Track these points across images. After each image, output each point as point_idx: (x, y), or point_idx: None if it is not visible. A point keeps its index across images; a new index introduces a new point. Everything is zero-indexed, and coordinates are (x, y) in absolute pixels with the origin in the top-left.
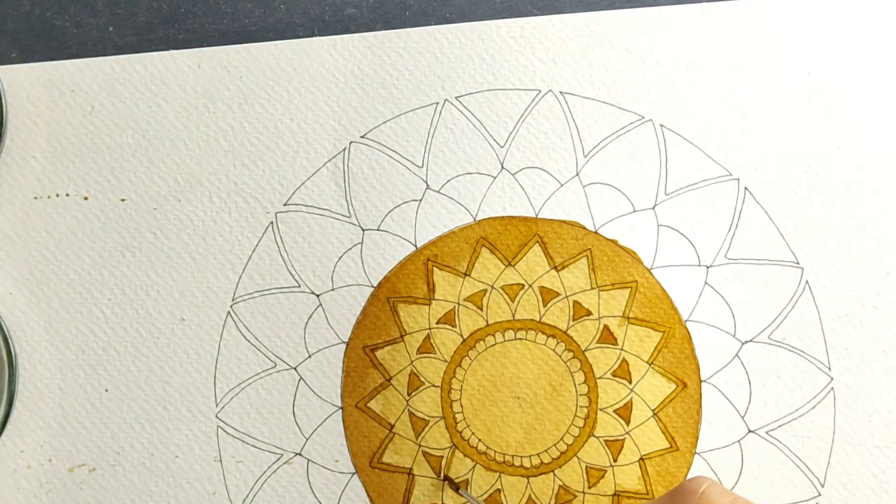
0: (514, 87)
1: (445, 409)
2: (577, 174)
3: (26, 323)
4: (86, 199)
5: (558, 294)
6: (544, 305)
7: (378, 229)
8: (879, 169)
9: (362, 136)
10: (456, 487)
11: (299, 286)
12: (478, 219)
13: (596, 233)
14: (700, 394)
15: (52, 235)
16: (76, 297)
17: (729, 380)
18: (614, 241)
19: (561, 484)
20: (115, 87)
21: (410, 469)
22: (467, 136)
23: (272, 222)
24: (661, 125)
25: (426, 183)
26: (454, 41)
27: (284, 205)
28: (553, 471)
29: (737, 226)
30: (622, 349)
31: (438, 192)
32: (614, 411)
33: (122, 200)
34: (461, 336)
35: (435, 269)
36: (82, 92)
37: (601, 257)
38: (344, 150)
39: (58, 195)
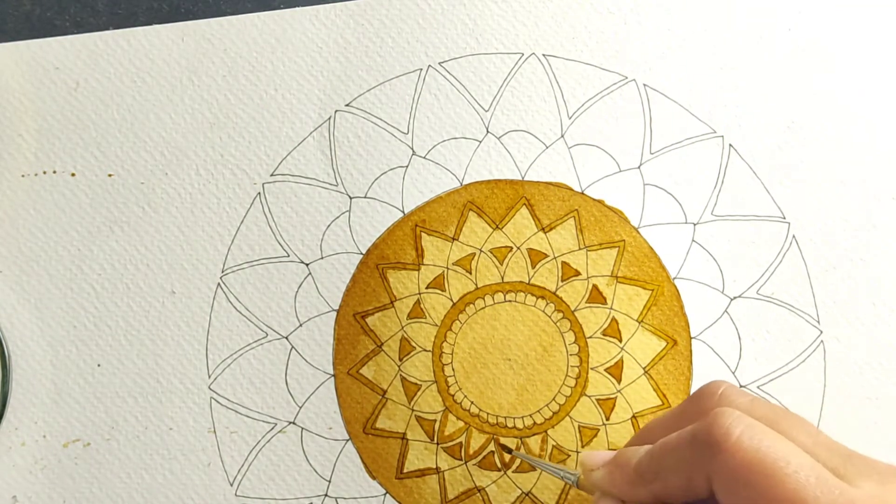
0: (496, 52)
1: (437, 374)
2: (563, 136)
3: (17, 301)
4: (73, 175)
5: (546, 255)
6: (533, 267)
7: (365, 197)
8: (863, 122)
9: (347, 105)
10: (509, 450)
11: (288, 256)
12: (464, 183)
13: (582, 193)
14: (690, 351)
15: (41, 213)
16: (66, 274)
17: (719, 336)
18: (601, 202)
19: (554, 444)
20: (99, 63)
21: (404, 434)
22: (452, 102)
23: (259, 193)
24: (645, 85)
25: (412, 149)
26: (436, 7)
27: (271, 175)
28: (546, 431)
29: (722, 182)
30: (611, 308)
31: (424, 157)
32: (605, 370)
33: (110, 176)
34: (451, 300)
35: (423, 234)
36: (67, 69)
37: (588, 218)
38: (329, 118)
39: (45, 172)
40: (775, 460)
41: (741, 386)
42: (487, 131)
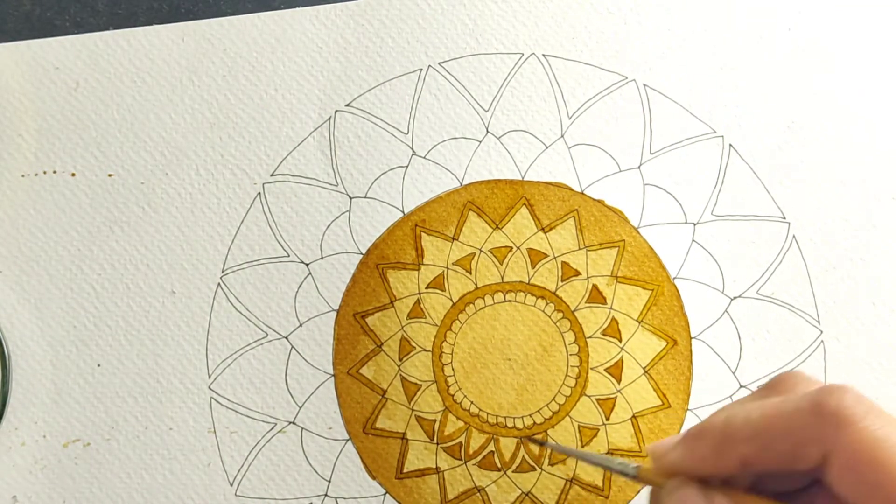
0: (496, 52)
1: (437, 374)
2: (562, 136)
3: (17, 300)
4: (73, 175)
5: (546, 255)
6: (533, 267)
7: (365, 197)
8: (863, 122)
9: (347, 105)
10: (541, 443)
11: (288, 256)
12: (464, 183)
13: (582, 193)
14: (690, 350)
15: (41, 213)
16: (66, 274)
17: (719, 336)
18: (601, 202)
19: (554, 444)
20: (99, 63)
21: (404, 434)
22: (452, 102)
23: (259, 193)
24: (645, 85)
25: (412, 149)
26: (436, 7)
27: (271, 175)
28: (546, 431)
29: (722, 182)
30: (611, 308)
31: (424, 157)
32: (605, 370)
33: (110, 176)
34: (451, 300)
35: (423, 234)
36: (67, 69)
37: (588, 217)
38: (329, 118)
39: (45, 172)
40: None
41: (742, 386)
42: (487, 131)
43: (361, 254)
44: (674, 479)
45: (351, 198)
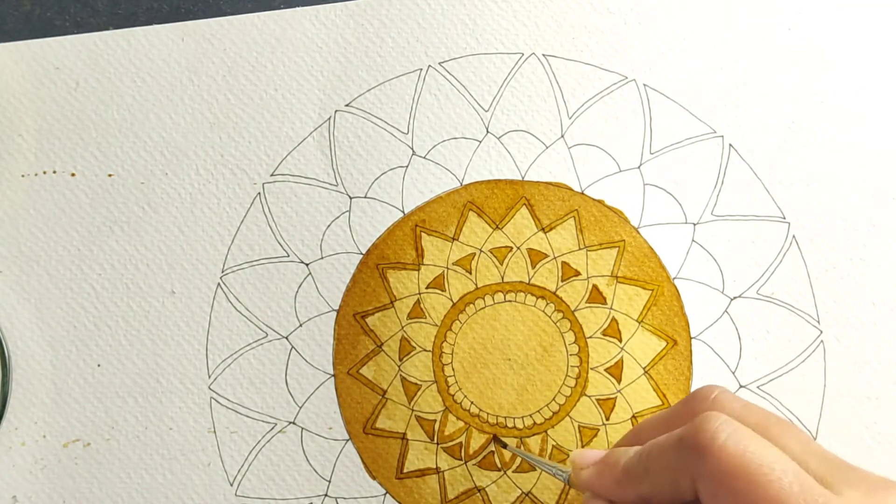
0: (497, 52)
1: (437, 374)
2: (563, 136)
3: (17, 300)
4: (73, 175)
5: (546, 255)
6: (533, 267)
7: (365, 197)
8: (862, 122)
9: (347, 105)
10: (504, 445)
11: (288, 256)
12: (464, 183)
13: (582, 193)
14: (690, 350)
15: (41, 213)
16: (66, 274)
17: (719, 336)
18: (601, 202)
19: (554, 444)
20: (99, 62)
21: (404, 434)
22: (452, 102)
23: (259, 193)
24: (645, 85)
25: (412, 149)
26: (436, 7)
27: (271, 175)
28: (546, 431)
29: (722, 182)
30: (611, 308)
31: (424, 157)
32: (605, 370)
33: (110, 176)
34: (451, 300)
35: (423, 234)
36: (67, 69)
37: (588, 218)
38: (329, 118)
39: (45, 172)
40: (759, 466)
41: (741, 386)
42: (487, 131)
43: (361, 254)
44: (588, 493)
45: (351, 198)
